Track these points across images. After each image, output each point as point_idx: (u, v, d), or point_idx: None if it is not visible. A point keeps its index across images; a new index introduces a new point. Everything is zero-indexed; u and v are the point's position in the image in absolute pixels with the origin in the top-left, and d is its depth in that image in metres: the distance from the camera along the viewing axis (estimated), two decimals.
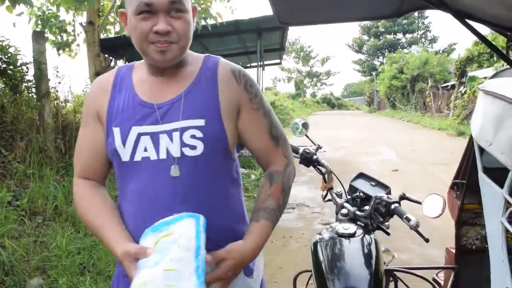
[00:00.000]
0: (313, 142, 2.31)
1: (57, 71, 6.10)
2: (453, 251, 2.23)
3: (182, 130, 1.20)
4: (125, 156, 1.23)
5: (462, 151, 2.20)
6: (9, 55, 5.22)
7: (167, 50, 1.17)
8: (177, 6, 1.16)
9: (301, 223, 5.29)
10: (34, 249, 3.64)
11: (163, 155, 1.21)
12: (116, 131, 1.23)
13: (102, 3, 9.27)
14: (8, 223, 3.61)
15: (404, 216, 1.67)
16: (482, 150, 1.36)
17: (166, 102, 1.23)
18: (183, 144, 1.20)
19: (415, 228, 1.62)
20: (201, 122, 1.21)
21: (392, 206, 1.76)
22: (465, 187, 2.00)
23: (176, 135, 1.20)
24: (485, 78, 16.39)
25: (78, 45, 9.25)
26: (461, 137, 15.10)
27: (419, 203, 1.72)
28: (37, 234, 3.91)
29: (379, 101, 40.74)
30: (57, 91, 6.10)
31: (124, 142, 1.23)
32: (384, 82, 32.61)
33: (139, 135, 1.22)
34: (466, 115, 17.92)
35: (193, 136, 1.21)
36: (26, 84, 5.58)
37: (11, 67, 5.27)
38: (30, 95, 5.62)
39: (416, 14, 48.18)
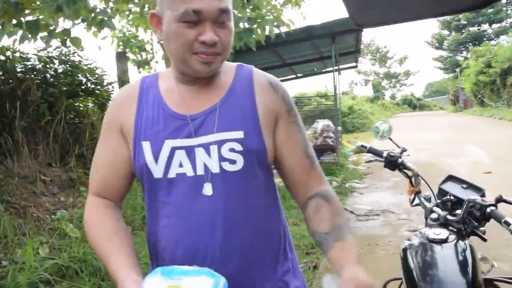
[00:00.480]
0: (397, 145, 2.19)
1: None
2: None
3: (220, 144, 1.10)
4: (157, 172, 1.12)
5: None
6: (96, 76, 5.64)
7: (213, 61, 1.09)
8: (226, 15, 1.07)
9: (387, 230, 5.07)
10: None
11: (200, 171, 1.10)
12: (146, 145, 1.12)
13: None
14: None
15: (503, 220, 1.51)
16: None
17: (199, 113, 1.13)
18: (222, 159, 1.10)
19: None
20: (240, 134, 1.11)
21: (488, 209, 1.60)
22: None
23: (214, 148, 1.10)
24: None
25: (156, 62, 9.75)
26: None
27: None
28: None
29: (465, 99, 38.33)
30: None
31: (156, 158, 1.11)
32: (470, 78, 30.67)
33: (173, 149, 1.11)
34: None
35: (232, 150, 1.10)
36: None
37: (99, 87, 5.69)
38: None
39: (504, 0, 44.93)
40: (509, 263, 3.89)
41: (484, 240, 1.79)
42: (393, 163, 2.07)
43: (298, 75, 14.00)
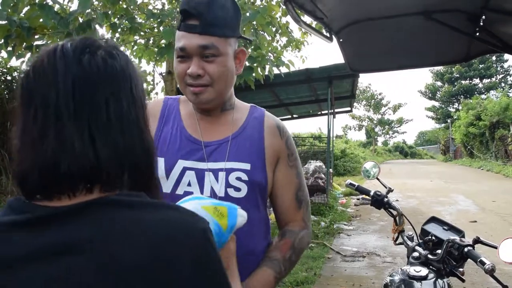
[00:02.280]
0: (384, 185, 2.31)
1: None
2: None
3: (228, 171, 1.23)
4: (166, 188, 1.22)
5: None
6: None
7: (201, 92, 1.20)
8: (209, 51, 1.18)
9: (371, 272, 5.11)
10: None
11: (207, 193, 1.21)
12: (160, 161, 1.23)
13: None
14: None
15: (478, 260, 1.61)
16: None
17: (213, 142, 1.26)
18: (228, 185, 1.22)
19: (490, 272, 1.56)
20: (247, 166, 1.25)
21: (466, 249, 1.71)
22: None
23: (222, 175, 1.23)
24: None
25: (156, 93, 9.95)
26: None
27: (495, 247, 1.66)
28: None
29: (455, 149, 38.87)
30: None
31: (168, 174, 1.23)
32: (460, 129, 31.22)
33: (185, 169, 1.23)
34: None
35: (238, 178, 1.23)
36: None
37: None
38: None
39: (494, 58, 46.34)
40: None
41: (462, 280, 1.89)
42: (379, 202, 2.18)
43: (294, 115, 14.23)
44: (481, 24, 1.65)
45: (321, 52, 22.76)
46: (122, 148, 0.68)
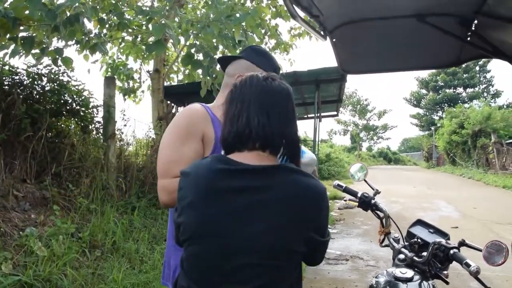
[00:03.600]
0: (371, 187, 2.31)
1: (124, 114, 6.50)
2: None
3: None
4: None
5: None
6: (83, 97, 5.66)
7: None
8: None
9: (354, 275, 5.12)
10: (92, 280, 3.78)
11: None
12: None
13: (167, 53, 9.91)
14: (71, 253, 3.80)
15: (464, 262, 1.62)
16: None
17: None
18: None
19: (475, 274, 1.56)
20: None
21: (451, 252, 1.71)
22: None
23: None
24: None
25: (142, 91, 9.88)
26: None
27: (480, 250, 1.66)
28: (95, 266, 4.06)
29: (438, 156, 39.40)
30: (122, 133, 6.47)
31: None
32: (444, 137, 31.66)
33: None
34: None
35: None
36: (95, 125, 5.98)
37: (84, 108, 5.69)
38: (98, 135, 6.01)
39: (477, 68, 47.12)
40: None
41: (447, 283, 1.89)
42: (366, 203, 2.17)
43: None
44: (473, 28, 1.66)
45: (308, 56, 22.83)
46: (284, 129, 1.26)
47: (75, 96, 5.58)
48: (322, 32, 1.73)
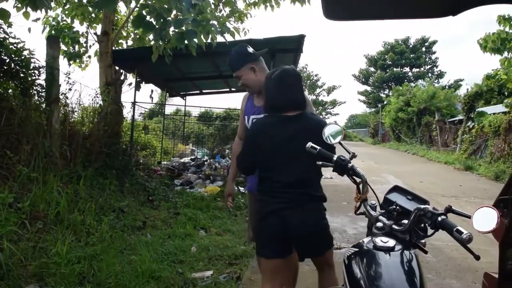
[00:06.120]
0: (347, 150, 2.16)
1: (69, 78, 6.00)
2: (495, 276, 2.04)
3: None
4: (249, 126, 2.89)
5: (471, 186, 2.07)
6: (23, 57, 5.13)
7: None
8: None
9: None
10: (33, 254, 3.46)
11: None
12: (246, 117, 3.00)
13: (116, 18, 9.29)
14: (8, 225, 3.44)
15: (455, 229, 1.49)
16: None
17: (260, 105, 2.86)
18: None
19: (468, 242, 1.45)
20: None
21: (439, 218, 1.59)
22: None
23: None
24: (494, 114, 16.38)
25: (89, 56, 9.23)
26: (469, 172, 14.89)
27: (468, 217, 1.55)
28: (36, 239, 3.73)
29: (384, 133, 40.64)
30: (67, 98, 5.98)
31: (248, 121, 2.96)
32: (390, 114, 32.59)
33: (253, 119, 2.89)
34: (473, 150, 17.76)
35: None
36: (36, 88, 5.46)
37: (24, 70, 5.16)
38: (40, 99, 5.51)
39: (423, 49, 48.63)
40: None
41: (425, 252, 1.79)
42: (342, 167, 2.03)
43: (232, 89, 13.95)
44: None
45: (263, 26, 22.50)
46: (302, 96, 2.55)
47: (13, 56, 5.03)
48: None
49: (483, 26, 50.86)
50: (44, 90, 5.51)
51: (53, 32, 8.42)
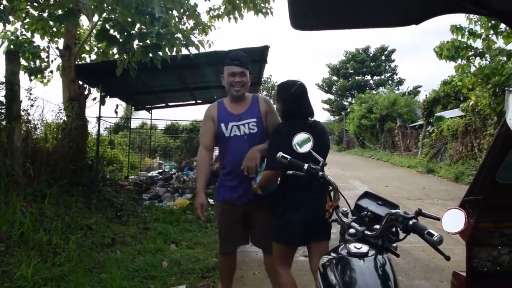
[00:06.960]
0: (318, 159, 2.20)
1: (30, 93, 5.83)
2: (463, 274, 2.12)
3: (248, 123, 3.11)
4: (227, 133, 3.10)
5: (434, 188, 2.17)
6: None
7: (240, 89, 3.11)
8: (243, 73, 3.10)
9: None
10: None
11: (242, 133, 3.10)
12: (223, 125, 3.11)
13: (78, 31, 9.12)
14: None
15: (426, 231, 1.55)
16: None
17: (239, 113, 3.14)
18: (249, 128, 3.10)
19: (439, 244, 1.51)
20: (255, 119, 3.12)
21: (411, 222, 1.64)
22: (481, 204, 1.92)
23: (246, 125, 3.10)
24: (451, 118, 17.02)
25: (51, 71, 9.00)
26: (431, 174, 15.36)
27: (438, 219, 1.61)
28: None
29: (348, 140, 41.37)
30: (28, 114, 5.81)
31: (226, 128, 3.10)
32: (354, 121, 33.25)
33: (232, 125, 3.10)
34: (434, 153, 18.34)
35: (253, 125, 3.11)
36: None
37: None
38: (0, 116, 5.33)
39: (383, 57, 50.03)
40: None
41: (397, 255, 1.83)
42: (314, 176, 2.06)
43: (198, 101, 13.89)
44: None
45: (228, 38, 22.58)
46: (311, 107, 2.99)
47: None
48: None
49: (438, 35, 52.86)
50: (4, 107, 5.33)
51: (11, 46, 8.17)
